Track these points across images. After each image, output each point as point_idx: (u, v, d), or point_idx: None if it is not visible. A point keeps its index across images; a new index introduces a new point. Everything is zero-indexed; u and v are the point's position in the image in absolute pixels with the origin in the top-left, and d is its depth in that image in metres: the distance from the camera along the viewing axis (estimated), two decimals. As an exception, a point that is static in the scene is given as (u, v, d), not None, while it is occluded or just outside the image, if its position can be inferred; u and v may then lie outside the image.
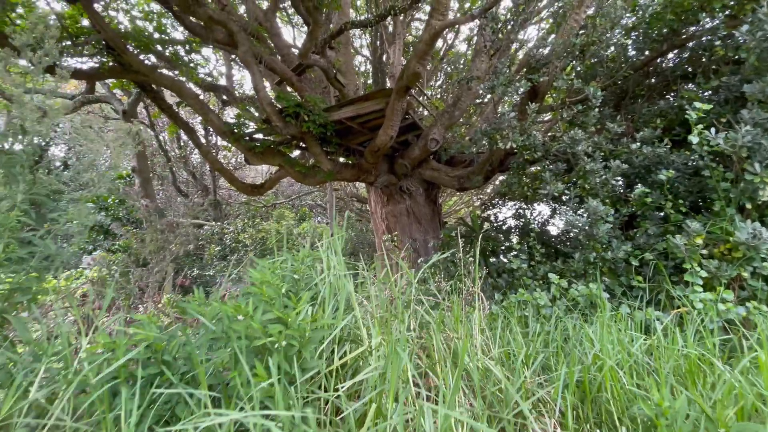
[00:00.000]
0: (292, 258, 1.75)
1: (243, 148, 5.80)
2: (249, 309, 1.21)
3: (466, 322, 1.80)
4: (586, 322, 2.66)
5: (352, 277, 2.02)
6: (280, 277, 1.53)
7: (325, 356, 1.36)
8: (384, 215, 7.09)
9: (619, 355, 1.69)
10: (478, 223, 5.41)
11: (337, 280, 1.61)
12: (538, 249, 3.64)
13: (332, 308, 1.52)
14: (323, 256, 1.73)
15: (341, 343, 1.46)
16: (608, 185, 3.39)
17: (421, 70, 4.72)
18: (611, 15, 3.45)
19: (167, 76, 5.47)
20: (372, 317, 1.59)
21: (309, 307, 1.40)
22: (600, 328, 1.91)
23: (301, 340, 1.22)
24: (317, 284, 1.65)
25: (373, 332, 1.42)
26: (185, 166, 10.44)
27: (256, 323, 1.18)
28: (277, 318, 1.27)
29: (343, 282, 1.59)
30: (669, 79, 4.61)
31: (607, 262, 3.33)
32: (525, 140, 3.54)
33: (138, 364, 1.21)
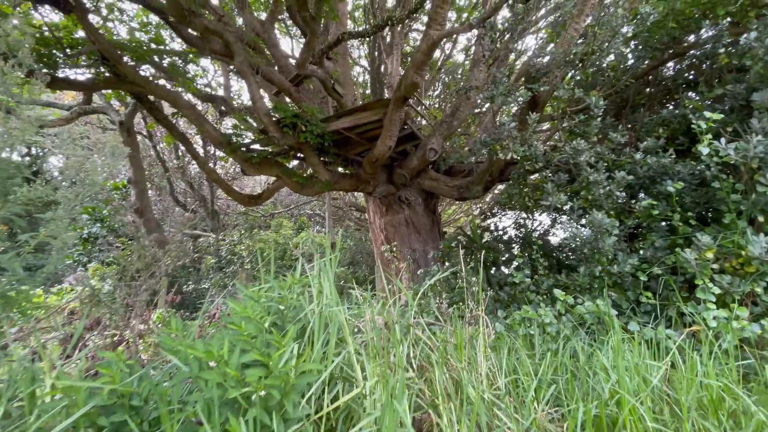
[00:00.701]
0: (278, 286, 1.60)
1: (240, 159, 5.68)
2: (223, 351, 1.06)
3: (470, 348, 1.66)
4: (594, 341, 2.51)
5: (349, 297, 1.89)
6: (264, 309, 1.39)
7: (314, 399, 1.22)
8: (383, 225, 6.95)
9: (636, 386, 1.54)
10: (478, 234, 5.28)
11: (329, 311, 1.46)
12: (541, 262, 3.50)
13: (322, 343, 1.37)
14: (314, 282, 1.59)
15: (332, 382, 1.31)
16: (612, 196, 3.26)
17: (418, 80, 4.63)
18: (612, 23, 3.36)
19: (162, 86, 5.38)
20: (367, 349, 1.45)
21: (295, 345, 1.25)
22: (614, 354, 1.77)
23: (283, 388, 1.07)
24: (307, 315, 1.50)
25: (368, 369, 1.28)
26: (183, 177, 10.32)
27: (232, 368, 1.03)
28: (256, 360, 1.12)
29: (335, 313, 1.45)
30: (670, 88, 4.52)
31: (613, 276, 3.19)
32: (526, 151, 3.42)
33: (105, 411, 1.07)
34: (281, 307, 1.46)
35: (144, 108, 6.11)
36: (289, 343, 1.17)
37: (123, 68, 5.06)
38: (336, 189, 6.45)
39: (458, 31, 3.83)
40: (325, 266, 1.65)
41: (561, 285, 3.37)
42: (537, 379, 1.64)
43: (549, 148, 3.50)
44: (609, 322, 2.49)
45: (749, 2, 3.30)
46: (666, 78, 4.55)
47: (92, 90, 6.04)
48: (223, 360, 1.05)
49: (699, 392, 1.56)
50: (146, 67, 6.24)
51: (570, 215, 3.34)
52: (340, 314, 1.42)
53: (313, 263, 1.69)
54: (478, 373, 1.54)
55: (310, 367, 1.18)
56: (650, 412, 1.40)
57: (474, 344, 1.71)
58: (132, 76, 5.13)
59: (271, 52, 6.82)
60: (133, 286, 3.02)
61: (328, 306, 1.48)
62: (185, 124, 10.22)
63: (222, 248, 8.02)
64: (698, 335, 2.52)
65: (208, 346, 1.05)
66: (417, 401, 1.40)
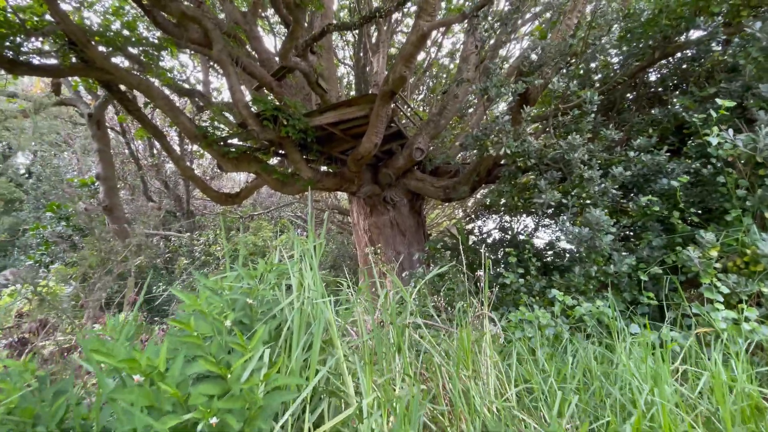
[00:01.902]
0: (246, 275, 1.29)
1: (216, 154, 5.32)
2: (159, 360, 0.76)
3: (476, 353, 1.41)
4: (599, 344, 2.30)
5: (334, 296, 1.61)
6: (227, 303, 1.09)
7: (291, 422, 0.92)
8: (367, 227, 6.68)
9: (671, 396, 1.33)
10: (464, 235, 5.07)
11: (313, 304, 1.18)
12: (533, 262, 3.31)
13: (303, 347, 1.08)
14: (293, 270, 1.30)
15: (316, 397, 1.03)
16: (608, 194, 3.10)
17: (407, 73, 4.42)
18: (607, 17, 3.23)
19: (134, 74, 4.98)
20: (360, 354, 1.18)
21: (267, 350, 0.96)
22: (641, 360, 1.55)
23: (246, 413, 0.78)
24: (283, 310, 1.21)
25: (363, 381, 1.00)
26: (158, 175, 9.76)
27: (171, 384, 0.73)
28: (209, 373, 0.82)
29: (320, 308, 1.16)
30: (656, 91, 4.46)
31: (610, 276, 3.01)
32: (519, 146, 3.24)
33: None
34: (249, 300, 1.16)
35: (114, 98, 5.67)
36: (257, 347, 0.88)
37: (90, 52, 4.65)
38: (319, 188, 6.15)
39: (451, 21, 3.64)
40: (307, 254, 1.37)
41: (555, 286, 3.17)
42: (549, 387, 1.41)
43: (542, 144, 3.33)
44: (612, 324, 2.29)
45: (741, 2, 3.24)
46: (652, 81, 4.50)
47: (57, 76, 5.55)
48: (158, 372, 0.74)
49: (738, 401, 1.36)
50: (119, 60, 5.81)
51: (565, 214, 3.16)
52: (326, 309, 1.13)
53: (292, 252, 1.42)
54: (485, 382, 1.30)
55: (285, 381, 0.89)
56: (690, 427, 1.19)
57: (480, 348, 1.46)
58: (100, 61, 4.71)
59: (253, 45, 6.50)
60: (88, 285, 2.64)
61: (311, 300, 1.19)
62: (162, 119, 9.69)
63: (196, 248, 7.52)
64: (703, 337, 2.35)
65: (134, 352, 0.74)
66: (422, 419, 1.14)
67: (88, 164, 10.22)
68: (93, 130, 7.23)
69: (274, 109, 4.87)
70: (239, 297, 1.14)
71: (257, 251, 9.06)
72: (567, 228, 3.08)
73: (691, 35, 4.03)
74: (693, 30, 3.94)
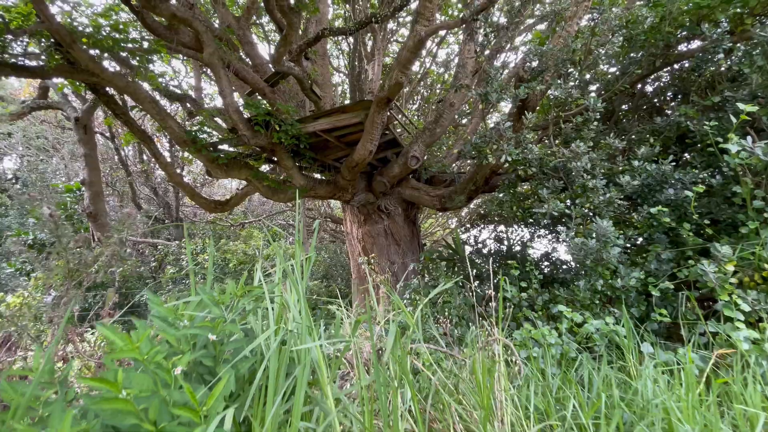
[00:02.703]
0: (211, 300, 1.04)
1: (205, 159, 5.09)
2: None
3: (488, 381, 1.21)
4: (611, 365, 2.11)
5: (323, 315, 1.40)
6: (185, 339, 0.87)
7: None
8: (360, 236, 6.47)
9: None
10: (460, 245, 4.89)
11: (297, 337, 0.94)
12: (536, 275, 3.12)
13: (283, 395, 0.84)
14: (272, 294, 1.07)
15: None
16: (613, 204, 2.94)
17: (404, 79, 4.27)
18: (610, 23, 3.12)
19: (121, 76, 4.75)
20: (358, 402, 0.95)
21: (231, 411, 0.73)
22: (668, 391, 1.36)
23: None
24: (260, 346, 0.96)
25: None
26: (147, 182, 9.46)
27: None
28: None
29: (305, 342, 0.92)
30: (655, 102, 4.37)
31: (617, 290, 2.84)
32: (520, 154, 3.08)
33: None
34: (212, 336, 0.92)
35: (100, 101, 5.43)
36: (216, 405, 0.63)
37: (76, 53, 4.42)
38: (311, 196, 5.95)
39: (449, 25, 3.51)
40: (293, 272, 1.15)
41: (559, 300, 2.99)
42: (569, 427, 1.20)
43: (544, 152, 3.17)
44: (627, 345, 2.10)
45: (745, 10, 3.16)
46: (650, 91, 4.41)
47: (42, 77, 5.32)
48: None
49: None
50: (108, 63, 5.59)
51: (568, 224, 2.99)
52: (314, 347, 0.90)
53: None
54: (500, 420, 1.09)
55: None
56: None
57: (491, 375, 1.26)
58: (85, 62, 4.49)
59: (246, 51, 6.34)
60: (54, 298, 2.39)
61: (297, 333, 0.96)
62: (151, 125, 9.44)
63: (183, 257, 7.20)
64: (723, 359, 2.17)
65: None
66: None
67: (75, 169, 9.88)
68: (79, 135, 6.96)
69: (266, 113, 4.68)
70: (200, 332, 0.90)
71: (247, 260, 8.78)
72: (571, 239, 2.91)
73: (691, 45, 3.94)
74: (694, 39, 3.85)
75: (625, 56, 3.50)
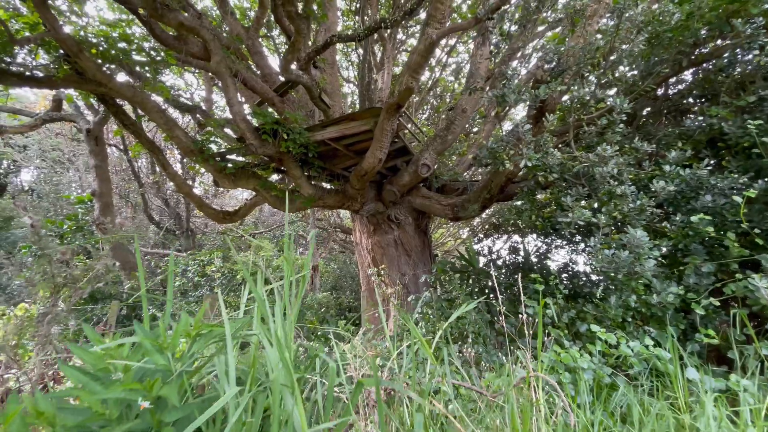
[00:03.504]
0: (153, 344, 0.78)
1: (212, 169, 4.95)
2: None
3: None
4: (652, 394, 1.83)
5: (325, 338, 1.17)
6: (112, 406, 0.64)
7: None
8: (370, 246, 6.24)
9: None
10: (474, 256, 4.62)
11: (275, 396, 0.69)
12: (560, 290, 2.85)
13: None
14: (252, 329, 0.84)
15: None
16: (645, 212, 2.67)
17: (414, 84, 4.08)
18: (635, 20, 2.89)
19: (128, 86, 4.67)
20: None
21: None
22: None
23: None
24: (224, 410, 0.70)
25: None
26: (158, 193, 9.43)
27: None
28: None
29: (288, 402, 0.68)
30: (678, 104, 4.10)
31: (653, 308, 2.55)
32: (541, 158, 2.84)
33: None
34: (143, 403, 0.71)
35: (109, 111, 5.36)
36: None
37: (83, 62, 4.36)
38: (320, 205, 5.76)
39: (462, 26, 3.32)
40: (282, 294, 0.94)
41: (587, 318, 2.70)
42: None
43: (567, 157, 2.93)
44: (674, 375, 1.82)
45: (782, 2, 2.90)
46: (673, 93, 4.14)
47: (50, 87, 5.27)
48: None
49: None
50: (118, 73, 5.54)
51: (595, 234, 2.72)
52: (297, 413, 0.64)
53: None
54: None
55: None
56: None
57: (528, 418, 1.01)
58: (92, 71, 4.42)
59: (255, 61, 6.26)
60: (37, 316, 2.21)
61: (275, 389, 0.72)
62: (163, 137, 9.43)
63: (190, 269, 7.03)
64: None
65: None
66: None
67: (89, 181, 9.93)
68: (91, 146, 6.93)
69: (274, 122, 4.53)
70: (126, 395, 0.65)
71: (257, 272, 8.60)
72: (598, 251, 2.64)
73: (718, 43, 3.68)
74: (721, 37, 3.59)
75: (649, 56, 3.26)
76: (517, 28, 3.38)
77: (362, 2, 7.35)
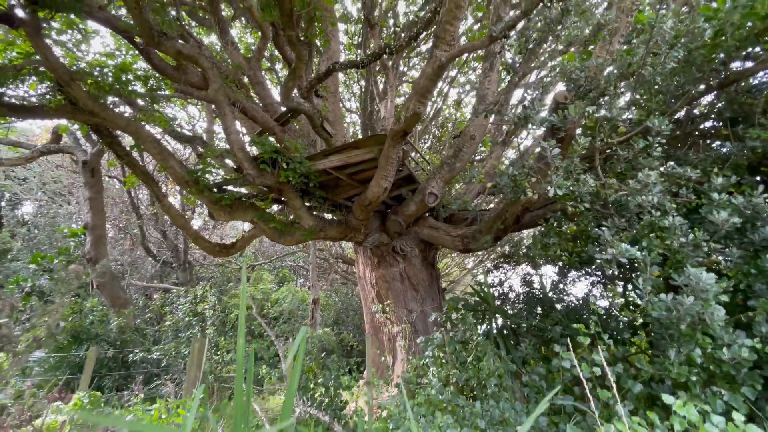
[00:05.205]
0: None
1: (207, 201, 4.56)
2: None
3: None
4: None
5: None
6: None
7: None
8: (374, 280, 5.75)
9: None
10: (490, 294, 4.14)
11: None
12: (604, 340, 2.36)
13: None
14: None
15: None
16: (701, 248, 2.23)
17: (422, 110, 3.76)
18: (665, 36, 2.58)
19: (122, 116, 4.37)
20: None
21: None
22: None
23: None
24: None
25: None
26: (156, 225, 9.02)
27: None
28: None
29: None
30: (713, 122, 3.76)
31: (724, 364, 2.05)
32: (572, 186, 2.44)
33: None
34: None
35: (103, 142, 5.04)
36: None
37: (75, 91, 4.07)
38: (321, 237, 5.33)
39: (475, 46, 3.02)
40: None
41: (641, 376, 2.20)
42: None
43: (598, 184, 2.53)
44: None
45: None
46: (698, 114, 3.80)
47: (42, 117, 4.98)
48: None
49: None
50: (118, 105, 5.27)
51: (642, 273, 2.27)
52: None
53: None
54: None
55: None
56: None
57: None
58: (84, 101, 4.13)
59: (256, 91, 6.03)
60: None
61: None
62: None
63: (181, 306, 6.42)
64: None
65: None
66: None
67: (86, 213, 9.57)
68: (86, 178, 6.59)
69: (273, 151, 4.19)
70: None
71: (256, 304, 8.04)
72: (649, 294, 2.18)
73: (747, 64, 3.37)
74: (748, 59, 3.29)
75: (679, 74, 2.94)
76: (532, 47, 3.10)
77: (364, 35, 7.24)
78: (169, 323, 6.17)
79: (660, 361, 2.16)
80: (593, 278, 4.17)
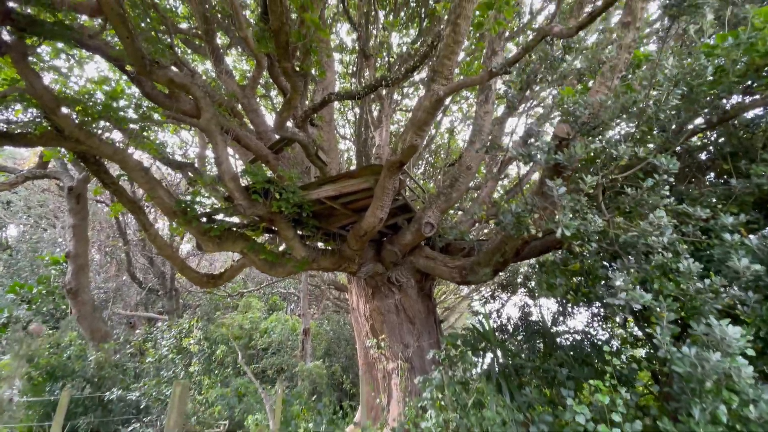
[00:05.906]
0: None
1: (195, 231, 4.34)
2: None
3: None
4: None
5: None
6: None
7: None
8: (368, 312, 5.49)
9: None
10: (491, 330, 3.93)
11: None
12: (621, 394, 2.16)
13: None
14: None
15: None
16: (720, 296, 2.09)
17: (419, 142, 3.67)
18: (667, 73, 2.53)
19: (109, 144, 4.19)
20: None
21: None
22: None
23: None
24: None
25: None
26: (143, 251, 8.68)
27: None
28: None
29: None
30: (705, 156, 3.72)
31: (751, 423, 1.87)
32: (580, 225, 2.30)
33: None
34: None
35: (89, 169, 4.83)
36: None
37: (59, 119, 3.90)
38: (313, 268, 5.11)
39: (472, 82, 2.95)
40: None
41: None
42: None
43: (605, 223, 2.41)
44: None
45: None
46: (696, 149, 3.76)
47: (26, 145, 4.76)
48: None
49: None
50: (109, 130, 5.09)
51: (660, 323, 2.11)
52: None
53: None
54: None
55: None
56: None
57: None
58: (69, 129, 3.95)
59: (251, 118, 5.92)
60: None
61: None
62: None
63: (163, 343, 6.01)
64: None
65: None
66: None
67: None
68: (71, 204, 6.32)
69: (265, 181, 4.02)
70: None
71: (243, 335, 7.65)
72: (669, 348, 2.00)
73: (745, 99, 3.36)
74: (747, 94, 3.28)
75: (680, 109, 2.89)
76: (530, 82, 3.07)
77: (359, 65, 7.26)
78: (150, 359, 5.74)
79: (684, 419, 1.97)
80: (593, 309, 4.00)
